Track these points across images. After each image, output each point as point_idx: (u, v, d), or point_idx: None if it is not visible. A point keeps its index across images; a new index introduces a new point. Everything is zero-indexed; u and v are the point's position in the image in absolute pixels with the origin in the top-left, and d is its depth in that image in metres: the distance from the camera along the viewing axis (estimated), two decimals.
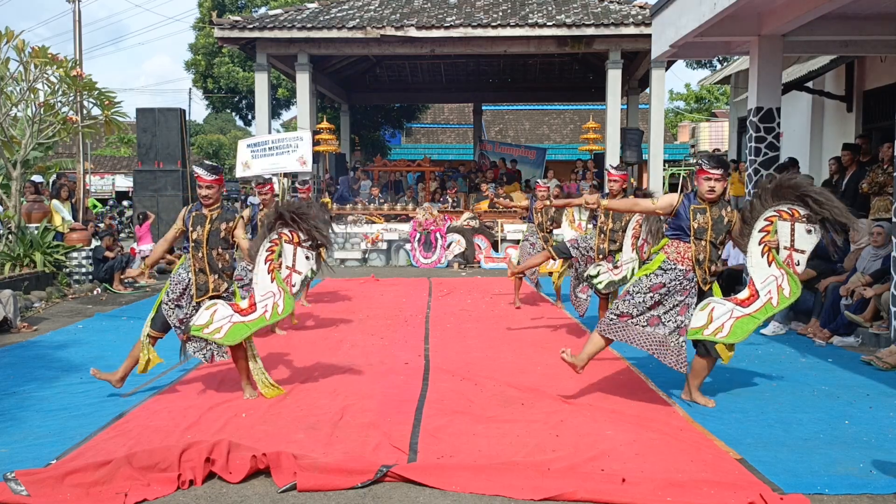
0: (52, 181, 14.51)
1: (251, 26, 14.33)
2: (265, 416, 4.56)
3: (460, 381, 5.41)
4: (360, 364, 6.00)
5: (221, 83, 24.80)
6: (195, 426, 4.33)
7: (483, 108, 24.50)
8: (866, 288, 6.80)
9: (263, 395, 4.97)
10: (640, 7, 14.51)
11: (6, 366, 6.05)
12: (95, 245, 11.21)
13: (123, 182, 31.15)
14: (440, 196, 15.87)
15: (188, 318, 4.97)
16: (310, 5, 15.55)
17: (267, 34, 14.34)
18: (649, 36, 10.81)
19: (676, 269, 4.69)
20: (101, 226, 14.14)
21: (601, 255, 6.71)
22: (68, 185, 13.36)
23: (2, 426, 4.45)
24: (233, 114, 31.02)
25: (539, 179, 9.04)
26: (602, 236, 6.74)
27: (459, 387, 5.26)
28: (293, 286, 4.93)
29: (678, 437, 4.14)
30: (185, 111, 15.68)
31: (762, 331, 7.43)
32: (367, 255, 14.61)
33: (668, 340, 4.66)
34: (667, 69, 14.81)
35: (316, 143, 15.65)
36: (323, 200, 11.48)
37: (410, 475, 3.54)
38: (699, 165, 4.71)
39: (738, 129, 15.56)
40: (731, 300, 4.75)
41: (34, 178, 13.15)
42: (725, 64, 20.40)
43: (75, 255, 10.63)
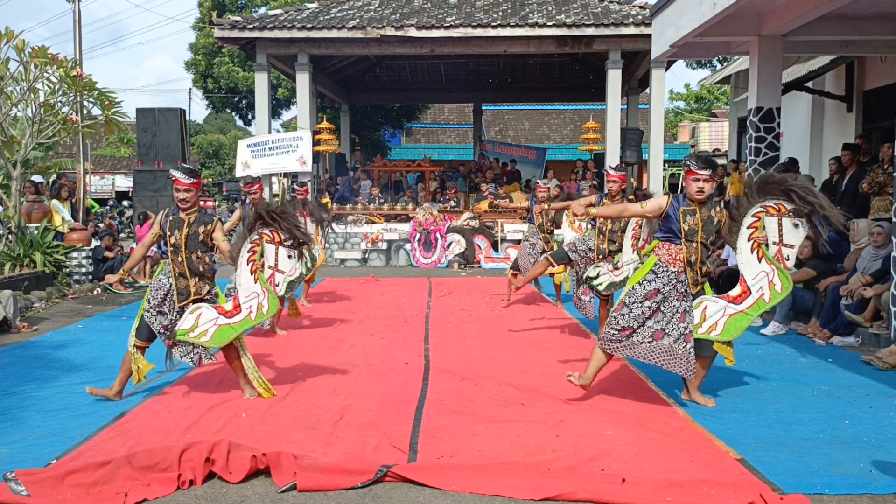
0: (52, 181, 14.51)
1: (251, 26, 14.33)
2: (265, 416, 4.56)
3: (460, 381, 5.41)
4: (360, 364, 6.00)
5: (221, 83, 24.81)
6: (195, 426, 4.33)
7: (483, 108, 24.49)
8: (866, 288, 6.80)
9: (260, 395, 4.97)
10: (640, 7, 14.50)
11: (6, 366, 6.05)
12: (95, 245, 11.21)
13: (123, 182, 31.17)
14: (441, 196, 15.87)
15: (172, 324, 4.94)
16: (310, 5, 15.55)
17: (267, 34, 14.34)
18: (649, 36, 10.82)
19: (668, 271, 4.67)
20: (101, 226, 14.14)
21: (601, 256, 6.70)
22: (68, 185, 13.37)
23: (2, 426, 4.45)
24: (233, 114, 31.04)
25: (539, 180, 9.02)
26: (601, 237, 6.73)
27: (459, 387, 5.26)
28: (276, 285, 4.93)
29: (678, 437, 4.14)
30: (185, 111, 15.69)
31: (762, 331, 7.43)
32: (367, 255, 14.61)
33: (675, 349, 4.62)
34: (667, 69, 14.80)
35: (316, 143, 15.65)
36: (323, 200, 11.47)
37: (410, 475, 3.54)
38: (687, 166, 4.69)
39: (738, 129, 15.56)
40: (723, 298, 4.77)
41: (34, 178, 13.16)
42: (725, 64, 20.40)
43: (75, 255, 10.63)
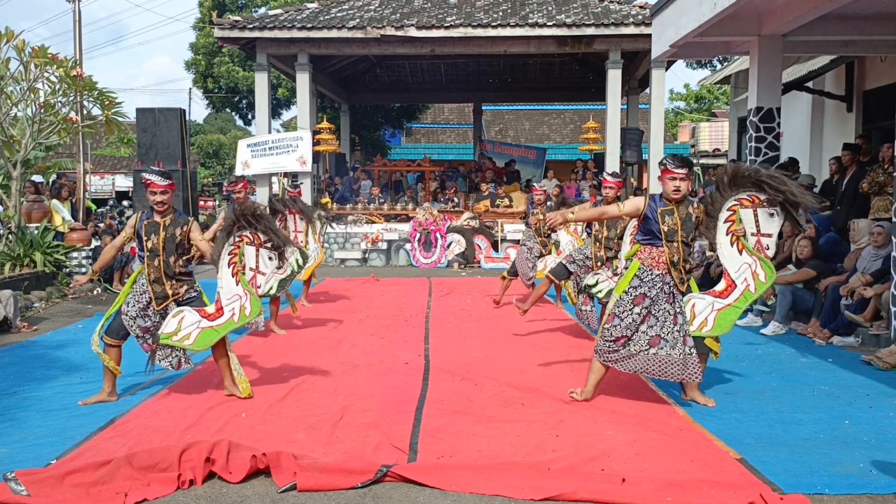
0: (52, 181, 14.52)
1: (251, 26, 14.33)
2: (265, 416, 4.56)
3: (460, 381, 5.41)
4: (360, 364, 6.00)
5: (221, 83, 24.80)
6: (195, 426, 4.33)
7: (483, 108, 24.48)
8: (866, 288, 6.80)
9: (236, 394, 4.95)
10: (640, 7, 14.50)
11: (6, 366, 6.05)
12: (95, 245, 11.21)
13: (123, 182, 31.16)
14: (442, 196, 15.87)
15: (155, 327, 4.93)
16: (310, 5, 15.55)
17: (267, 34, 14.34)
18: (649, 36, 10.82)
19: (653, 274, 4.66)
20: (101, 226, 14.14)
21: (599, 263, 6.69)
22: (68, 185, 13.37)
23: (2, 426, 4.45)
24: (233, 113, 31.03)
25: (535, 183, 8.98)
26: (598, 244, 6.71)
27: (459, 387, 5.26)
28: (258, 287, 4.94)
29: (678, 437, 4.14)
30: (185, 111, 15.66)
31: (762, 331, 7.44)
32: (367, 255, 14.61)
33: (673, 355, 4.60)
34: (667, 69, 14.80)
35: (316, 143, 15.65)
36: (323, 200, 11.48)
37: (410, 475, 3.54)
38: (663, 166, 4.67)
39: (738, 129, 15.56)
40: (709, 293, 4.79)
41: (34, 178, 13.16)
42: (725, 64, 20.40)
43: (75, 255, 10.64)
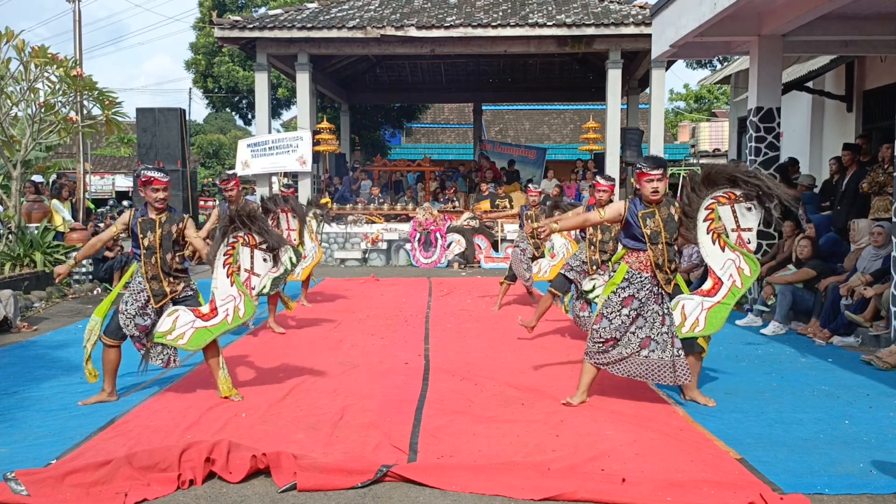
0: (52, 181, 14.52)
1: (251, 26, 14.33)
2: (265, 416, 4.56)
3: (460, 381, 5.42)
4: (360, 364, 6.00)
5: (221, 82, 24.80)
6: (195, 426, 4.33)
7: (483, 108, 24.49)
8: (866, 287, 6.80)
9: (218, 393, 4.94)
10: (640, 7, 14.51)
11: (6, 366, 6.05)
12: None
13: (123, 182, 31.17)
14: (442, 196, 15.87)
15: (153, 326, 4.92)
16: (310, 5, 15.55)
17: (267, 34, 14.34)
18: (649, 36, 10.81)
19: (642, 276, 4.67)
20: (102, 226, 14.14)
21: (594, 267, 6.68)
22: (68, 185, 13.36)
23: (2, 426, 4.45)
24: (233, 113, 31.05)
25: (531, 185, 8.92)
26: (592, 248, 6.70)
27: (459, 387, 5.27)
28: (252, 289, 4.94)
29: (678, 437, 4.14)
30: (185, 111, 15.68)
31: (762, 331, 7.44)
32: (367, 255, 14.62)
33: (664, 359, 4.62)
34: (667, 69, 14.81)
35: (316, 143, 15.66)
36: (323, 200, 11.47)
37: (410, 475, 3.54)
38: (638, 169, 4.68)
39: (739, 128, 15.55)
40: (697, 293, 4.83)
41: (34, 178, 13.16)
42: (725, 64, 20.40)
43: (75, 255, 10.63)
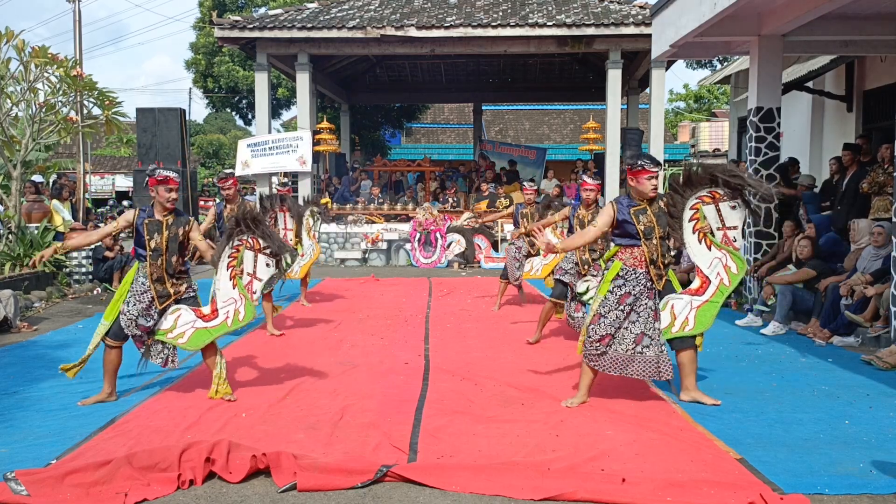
0: (53, 181, 14.52)
1: (251, 26, 14.34)
2: (265, 416, 4.56)
3: (460, 381, 5.42)
4: (360, 364, 6.00)
5: (221, 82, 24.81)
6: (195, 426, 4.33)
7: (483, 108, 24.49)
8: (867, 286, 6.80)
9: (211, 393, 4.93)
10: (640, 7, 14.51)
11: (6, 366, 6.05)
12: (96, 245, 11.20)
13: (123, 182, 31.22)
14: (442, 196, 15.87)
15: (155, 327, 4.93)
16: (310, 5, 15.55)
17: (267, 34, 14.34)
18: (649, 36, 10.81)
19: (636, 272, 4.69)
20: (102, 226, 14.14)
21: (586, 266, 6.68)
22: (69, 185, 13.36)
23: (2, 426, 4.45)
24: (233, 113, 31.06)
25: (525, 182, 8.90)
26: (582, 248, 6.71)
27: (459, 387, 5.27)
28: (254, 293, 4.94)
29: (678, 437, 4.14)
30: (185, 111, 15.68)
31: (762, 331, 7.43)
32: (367, 255, 14.62)
33: (654, 355, 4.66)
34: (667, 69, 14.81)
35: (316, 143, 15.66)
36: (323, 200, 11.47)
37: (410, 475, 3.54)
38: (641, 167, 4.68)
39: (738, 128, 15.55)
40: (686, 292, 4.85)
41: (34, 178, 13.16)
42: (725, 64, 20.40)
43: (75, 255, 10.63)
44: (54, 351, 6.63)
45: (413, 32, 14.09)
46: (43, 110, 10.68)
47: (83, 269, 10.67)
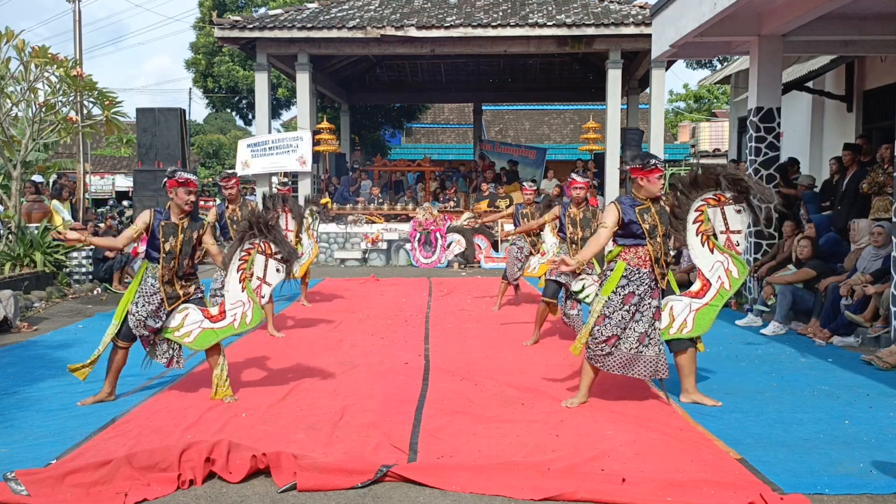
0: (53, 181, 14.51)
1: (251, 26, 14.34)
2: (265, 416, 4.56)
3: (460, 381, 5.42)
4: (360, 364, 6.00)
5: (221, 82, 24.81)
6: (195, 426, 4.33)
7: (483, 108, 24.49)
8: (867, 285, 6.80)
9: (212, 394, 4.93)
10: (640, 7, 14.51)
11: (6, 366, 6.05)
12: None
13: (123, 182, 31.18)
14: (442, 196, 15.87)
15: (163, 328, 4.93)
16: (310, 5, 15.56)
17: (267, 34, 14.35)
18: (649, 36, 10.82)
19: (640, 272, 4.68)
20: (102, 226, 14.13)
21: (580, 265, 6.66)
22: (69, 185, 13.36)
23: (2, 426, 4.45)
24: (233, 113, 31.06)
25: (525, 182, 8.90)
26: (574, 247, 6.69)
27: (459, 387, 5.27)
28: (262, 297, 4.94)
29: (678, 437, 4.14)
30: (185, 111, 15.67)
31: (762, 331, 7.43)
32: (367, 255, 14.62)
33: (648, 354, 4.66)
34: (667, 69, 14.81)
35: (316, 143, 15.66)
36: (323, 201, 11.47)
37: (410, 475, 3.54)
38: (654, 166, 4.65)
39: (739, 128, 15.55)
40: (686, 294, 4.85)
41: (34, 178, 13.16)
42: (725, 64, 20.39)
43: (75, 255, 10.63)
44: (54, 351, 6.63)
45: (413, 32, 14.09)
46: (43, 110, 10.68)
47: (83, 269, 10.67)
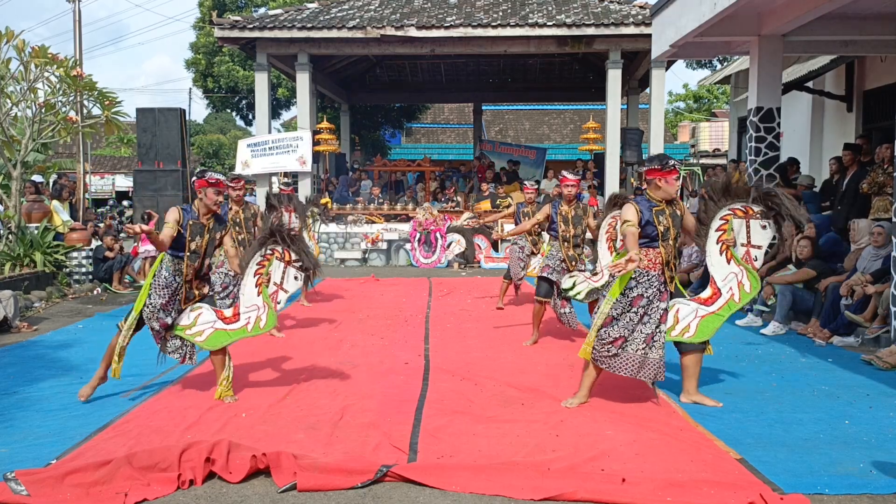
0: (53, 181, 14.51)
1: (251, 26, 14.33)
2: (265, 416, 4.56)
3: (460, 381, 5.42)
4: (360, 364, 6.00)
5: (221, 82, 24.80)
6: (195, 426, 4.33)
7: (483, 108, 24.48)
8: (867, 285, 6.80)
9: (216, 394, 4.94)
10: (640, 7, 14.51)
11: (6, 366, 6.05)
12: (96, 245, 11.22)
13: (123, 182, 31.19)
14: (442, 196, 15.86)
15: (173, 323, 4.94)
16: (310, 5, 15.55)
17: (267, 34, 14.34)
18: (649, 36, 10.82)
19: (649, 275, 4.66)
20: (102, 226, 14.14)
21: (572, 263, 6.67)
22: (69, 185, 13.35)
23: (2, 426, 4.45)
24: (233, 113, 31.04)
25: (526, 182, 8.91)
26: (566, 244, 6.69)
27: (459, 387, 5.27)
28: (278, 303, 4.95)
29: (678, 437, 4.14)
30: (185, 111, 15.66)
31: (762, 331, 7.43)
32: (367, 255, 14.61)
33: (652, 357, 4.66)
34: (667, 69, 14.80)
35: (316, 143, 15.65)
36: (323, 200, 11.47)
37: (410, 475, 3.54)
38: (672, 167, 4.64)
39: (739, 128, 15.56)
40: (694, 300, 4.84)
41: (34, 178, 13.16)
42: (725, 64, 20.40)
43: (75, 254, 10.64)
44: (54, 351, 6.63)
45: (413, 32, 14.09)
46: (43, 110, 10.68)
47: (83, 269, 10.67)
